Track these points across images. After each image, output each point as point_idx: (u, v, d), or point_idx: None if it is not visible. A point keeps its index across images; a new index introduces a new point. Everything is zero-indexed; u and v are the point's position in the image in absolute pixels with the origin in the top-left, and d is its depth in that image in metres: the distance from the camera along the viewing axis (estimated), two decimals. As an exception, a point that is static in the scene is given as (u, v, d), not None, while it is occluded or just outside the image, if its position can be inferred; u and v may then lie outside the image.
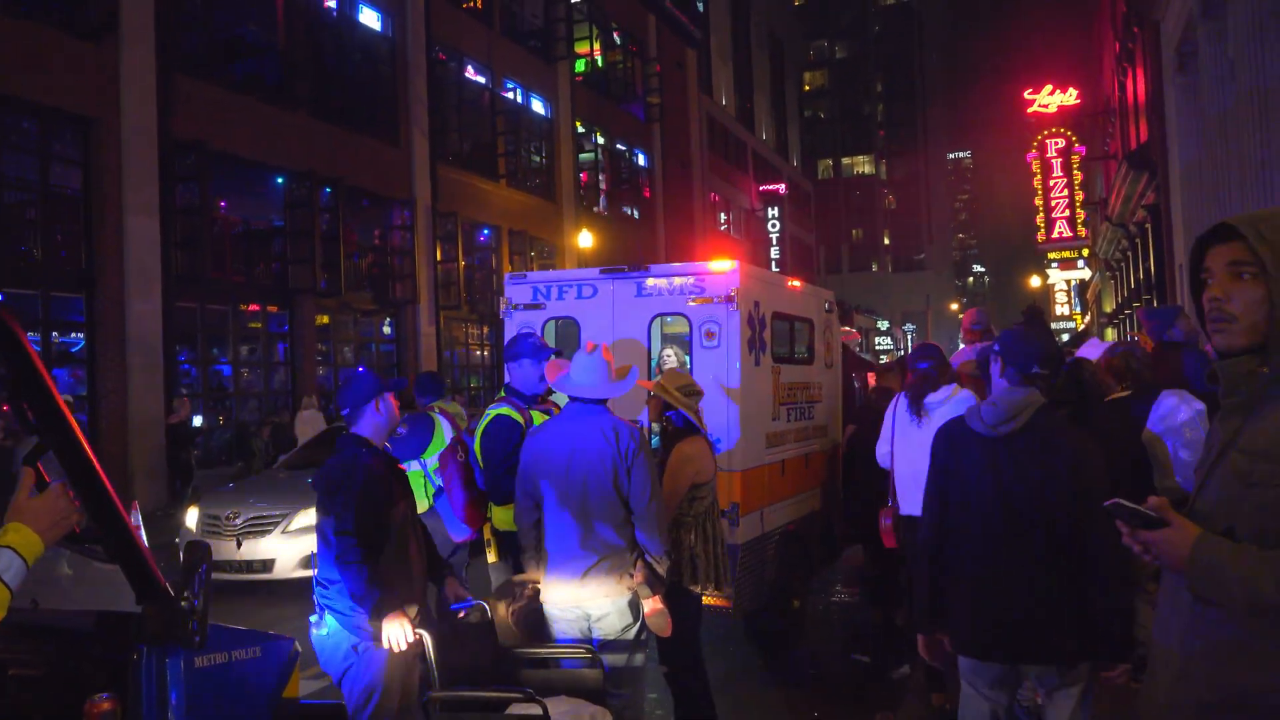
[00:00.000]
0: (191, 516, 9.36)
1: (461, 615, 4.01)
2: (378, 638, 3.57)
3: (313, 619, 3.71)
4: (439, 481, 5.88)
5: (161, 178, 14.70)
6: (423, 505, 6.01)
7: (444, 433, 6.16)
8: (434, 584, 4.06)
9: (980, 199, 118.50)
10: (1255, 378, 1.88)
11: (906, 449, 5.31)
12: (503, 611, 4.16)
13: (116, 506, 2.22)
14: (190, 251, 15.26)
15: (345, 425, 3.88)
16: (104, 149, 14.00)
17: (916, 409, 5.31)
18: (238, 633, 2.57)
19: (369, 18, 20.10)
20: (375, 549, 3.59)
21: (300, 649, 2.78)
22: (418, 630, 3.59)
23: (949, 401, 5.23)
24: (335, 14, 19.16)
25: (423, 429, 6.12)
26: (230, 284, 16.74)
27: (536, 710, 3.40)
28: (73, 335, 14.25)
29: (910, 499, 5.23)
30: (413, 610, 3.62)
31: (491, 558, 5.01)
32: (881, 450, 5.65)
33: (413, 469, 5.98)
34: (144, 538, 2.45)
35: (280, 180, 17.63)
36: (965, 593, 3.22)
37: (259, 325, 17.84)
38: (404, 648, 3.55)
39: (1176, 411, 4.36)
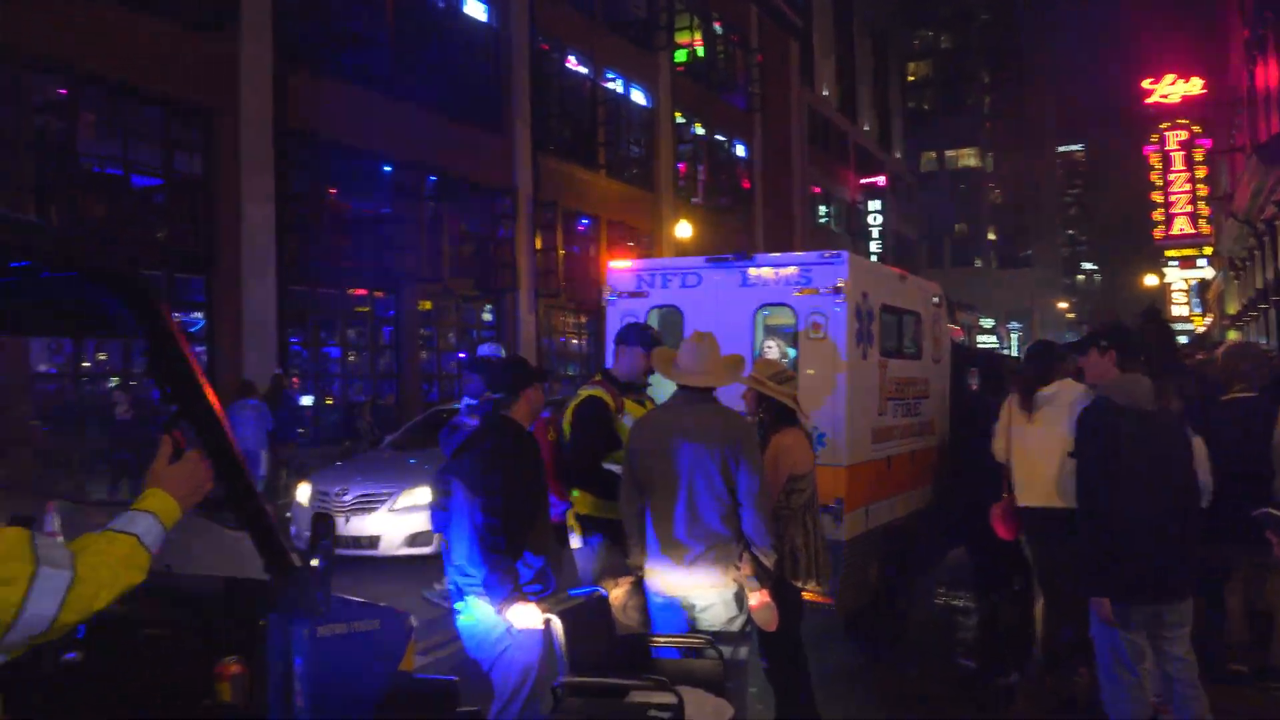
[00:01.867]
0: (303, 491, 9.68)
1: (580, 601, 4.03)
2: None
3: (458, 605, 3.78)
4: None
5: (276, 166, 15.21)
6: None
7: None
8: None
9: (1092, 193, 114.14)
10: None
11: (1022, 443, 5.30)
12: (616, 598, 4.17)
13: (247, 476, 2.28)
14: (303, 237, 15.78)
15: (498, 405, 3.96)
16: (223, 138, 14.55)
17: (1027, 404, 5.28)
18: (359, 605, 2.62)
19: (475, 9, 20.41)
20: (521, 535, 3.65)
21: (415, 624, 2.82)
22: (546, 615, 3.63)
23: (1059, 395, 5.19)
24: (443, 6, 19.51)
25: None
26: (339, 269, 17.24)
27: (665, 698, 3.40)
28: (193, 315, 14.87)
29: (1028, 491, 5.24)
30: (548, 601, 3.67)
31: (575, 543, 5.01)
32: (997, 445, 5.50)
33: None
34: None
35: (388, 169, 18.06)
36: (1123, 546, 3.91)
37: (366, 310, 18.34)
38: (533, 629, 3.61)
39: None
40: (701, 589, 4.03)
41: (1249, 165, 21.53)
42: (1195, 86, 33.16)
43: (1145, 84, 35.19)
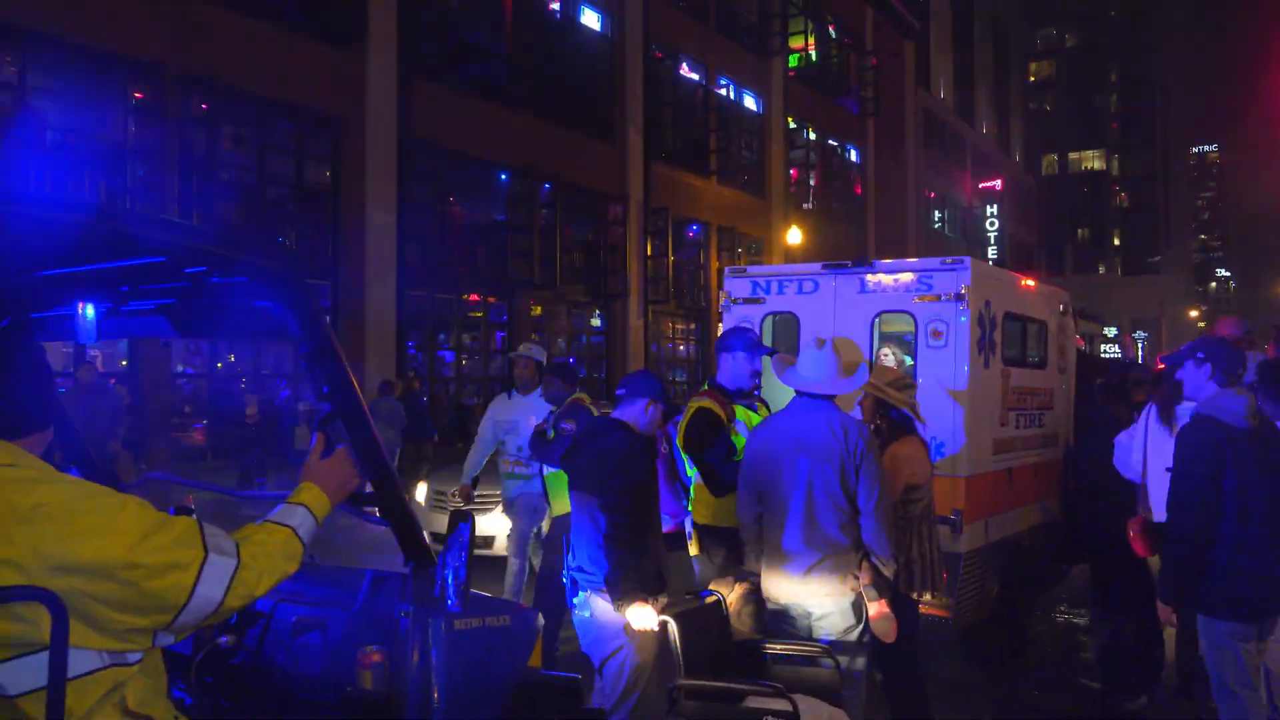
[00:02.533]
0: (421, 491, 9.97)
1: (696, 604, 4.07)
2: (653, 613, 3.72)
3: (576, 601, 3.87)
4: None
5: (399, 175, 15.75)
6: (564, 505, 5.89)
7: None
8: None
9: (1229, 197, 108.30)
10: None
11: (1159, 458, 5.04)
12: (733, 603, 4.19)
13: (392, 474, 2.39)
14: (422, 244, 16.29)
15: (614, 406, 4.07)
16: (349, 147, 15.16)
17: (1167, 418, 5.07)
18: (491, 601, 2.71)
19: (590, 19, 20.71)
20: (638, 536, 3.72)
21: (542, 623, 2.90)
22: (662, 617, 3.69)
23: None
24: (559, 16, 19.87)
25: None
26: (456, 274, 17.73)
27: (781, 705, 3.41)
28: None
29: (1162, 507, 4.99)
30: (661, 600, 3.73)
31: (693, 550, 5.03)
32: (1134, 458, 5.30)
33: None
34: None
35: (503, 176, 18.49)
36: (1242, 564, 3.86)
37: (480, 315, 18.80)
38: (650, 630, 3.66)
39: None
40: (818, 597, 4.01)
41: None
42: (1345, 82, 31.12)
43: (1288, 80, 33.15)
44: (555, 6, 19.79)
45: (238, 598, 1.91)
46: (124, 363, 13.14)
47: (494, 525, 9.24)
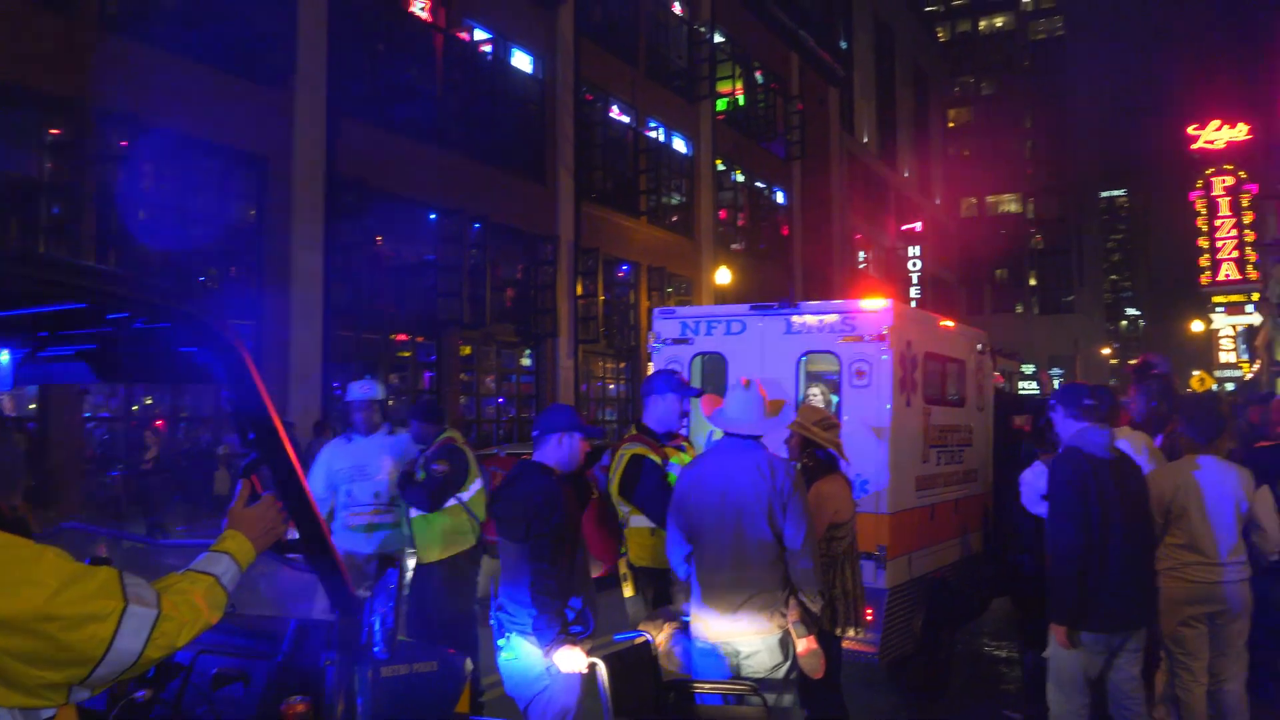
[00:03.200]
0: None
1: (625, 645, 4.07)
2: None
3: (501, 643, 3.85)
4: (482, 516, 5.86)
5: (326, 214, 15.60)
6: (469, 541, 5.87)
7: (476, 466, 6.08)
8: None
9: (1136, 239, 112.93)
10: None
11: None
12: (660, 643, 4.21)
13: (318, 520, 2.37)
14: (350, 283, 16.12)
15: (533, 449, 4.05)
16: (275, 187, 14.98)
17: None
18: (418, 646, 2.70)
19: (521, 61, 20.88)
20: (567, 577, 3.72)
21: (473, 666, 2.88)
22: (591, 659, 3.68)
23: (1118, 444, 5.11)
24: (490, 58, 20.00)
25: (460, 463, 5.95)
26: (383, 314, 17.55)
27: None
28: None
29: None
30: (588, 642, 3.73)
31: (628, 591, 5.03)
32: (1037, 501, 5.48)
33: (451, 505, 5.84)
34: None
35: (433, 216, 18.43)
36: (1097, 584, 4.32)
37: (408, 355, 18.62)
38: (578, 672, 3.67)
39: None
40: (747, 635, 4.05)
41: (1297, 211, 21.26)
42: (1241, 132, 32.92)
43: (1190, 130, 35.00)
44: (486, 49, 19.92)
45: (158, 649, 1.88)
46: (33, 405, 12.68)
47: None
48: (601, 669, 3.71)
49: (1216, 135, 33.07)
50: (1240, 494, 4.79)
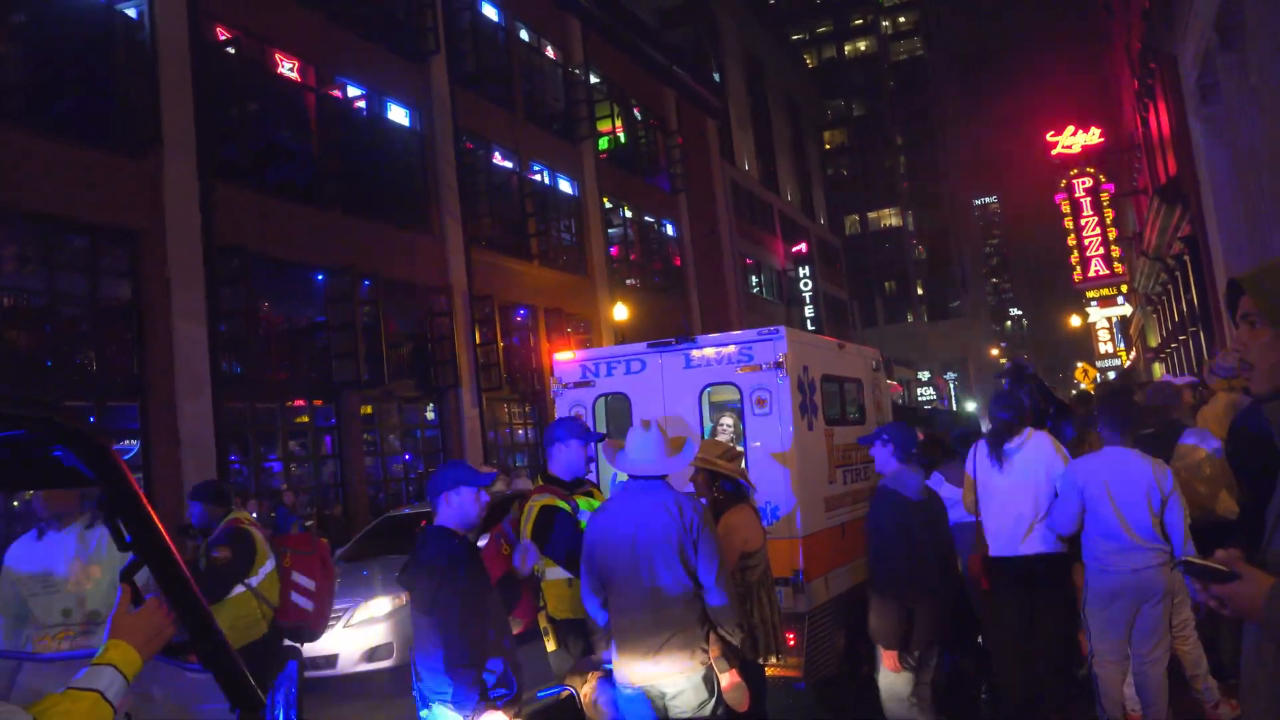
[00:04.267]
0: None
1: (550, 701, 4.00)
2: None
3: (424, 715, 3.73)
4: (275, 601, 5.47)
5: (207, 283, 15.11)
6: (261, 629, 5.27)
7: (265, 547, 5.70)
8: None
9: (1011, 242, 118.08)
10: None
11: (991, 495, 5.49)
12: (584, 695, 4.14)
13: (208, 616, 2.26)
14: (237, 352, 15.62)
15: (431, 514, 3.93)
16: (150, 259, 14.44)
17: (997, 455, 5.45)
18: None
19: (397, 114, 20.72)
20: (479, 642, 3.63)
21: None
22: None
23: (1025, 446, 5.42)
24: (365, 114, 19.78)
25: (245, 547, 5.58)
26: (277, 382, 17.05)
27: None
28: (127, 442, 14.53)
29: (998, 542, 5.45)
30: (513, 705, 3.64)
31: (550, 646, 4.94)
32: (967, 499, 5.65)
33: (238, 592, 5.43)
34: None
35: (320, 277, 18.04)
36: (915, 611, 4.88)
37: (306, 420, 18.09)
38: None
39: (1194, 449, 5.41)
40: (670, 676, 4.03)
41: (1151, 206, 22.56)
42: (1094, 136, 34.79)
43: (1049, 136, 36.77)
44: (361, 105, 19.71)
45: (40, 778, 1.75)
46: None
47: (335, 643, 8.82)
48: None
49: (1073, 140, 34.86)
50: (1152, 481, 4.94)
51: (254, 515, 13.96)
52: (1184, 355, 22.14)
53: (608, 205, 28.60)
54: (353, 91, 19.51)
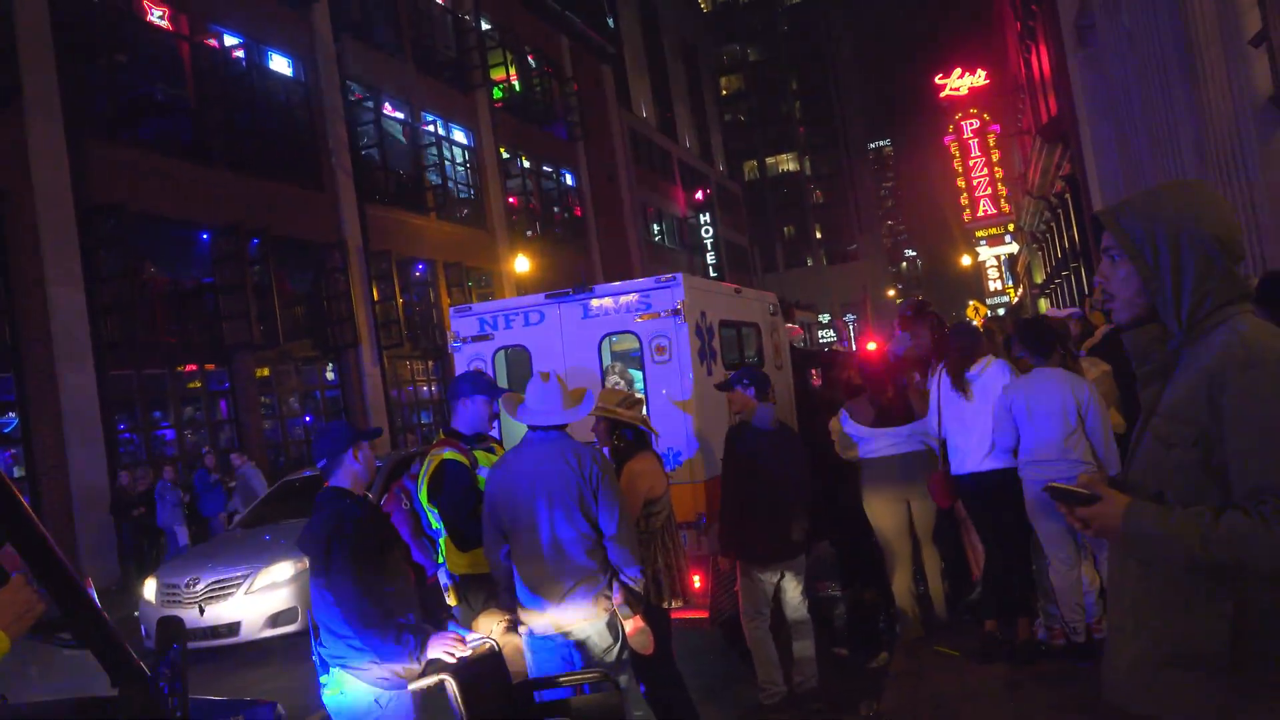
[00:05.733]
0: (150, 588, 9.14)
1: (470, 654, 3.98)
2: (403, 684, 3.63)
3: (325, 680, 3.67)
4: None
5: (82, 245, 14.36)
6: None
7: None
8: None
9: (905, 185, 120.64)
10: (1163, 344, 2.01)
11: (954, 418, 5.79)
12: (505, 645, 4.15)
13: (81, 590, 2.16)
14: (119, 317, 14.92)
15: (322, 477, 3.83)
16: (18, 222, 13.64)
17: (959, 383, 5.75)
18: (218, 703, 2.52)
19: (279, 64, 19.88)
20: (385, 598, 3.58)
21: (284, 711, 2.73)
22: (440, 675, 3.59)
23: (985, 373, 5.70)
24: (244, 64, 18.92)
25: None
26: (164, 346, 16.38)
27: None
28: (5, 415, 13.83)
29: (959, 461, 5.77)
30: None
31: (452, 601, 4.92)
32: (931, 422, 5.97)
33: None
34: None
35: (206, 236, 17.33)
36: (763, 529, 5.43)
37: (198, 385, 17.47)
38: (461, 654, 3.69)
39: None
40: (575, 623, 4.06)
41: (1035, 146, 23.29)
42: (980, 78, 35.69)
43: (937, 79, 37.54)
44: (239, 55, 18.83)
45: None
46: None
47: (238, 610, 8.65)
48: (451, 684, 3.65)
49: (960, 83, 35.70)
50: (1069, 397, 5.21)
51: (168, 483, 13.66)
52: (1068, 290, 23.10)
53: (505, 155, 28.13)
54: (230, 40, 18.62)
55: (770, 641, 5.60)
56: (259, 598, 8.67)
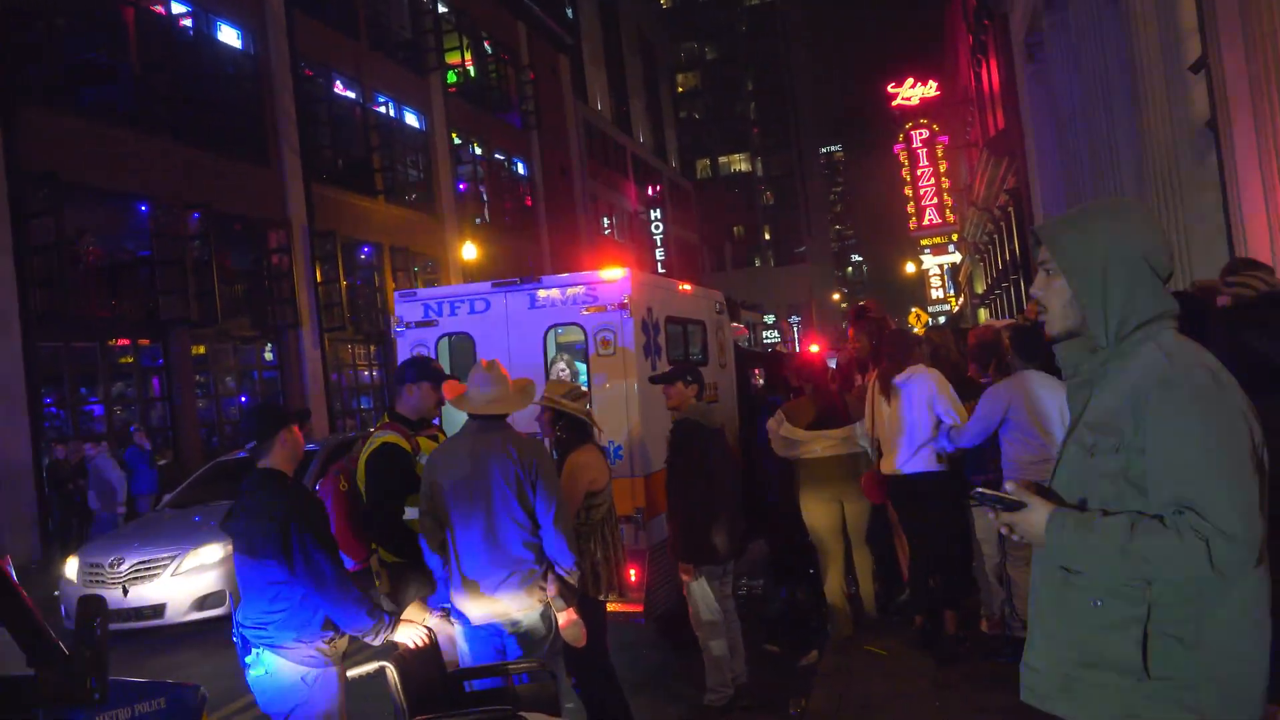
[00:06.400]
0: (71, 567, 8.91)
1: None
2: (329, 663, 3.62)
3: (249, 659, 3.62)
4: None
5: (13, 214, 13.91)
6: None
7: None
8: None
9: (854, 191, 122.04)
10: (1094, 357, 2.08)
11: (883, 422, 5.97)
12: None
13: (1, 569, 2.11)
14: (50, 289, 14.48)
15: (253, 459, 3.77)
16: (-53, 185, 13.19)
17: (885, 389, 5.91)
18: (140, 685, 2.47)
19: (228, 35, 19.45)
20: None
21: (207, 694, 2.68)
22: (381, 663, 3.58)
23: (911, 380, 5.82)
24: (191, 33, 18.47)
25: None
26: (96, 320, 15.94)
27: None
28: (-76, 385, 13.36)
29: (889, 462, 5.92)
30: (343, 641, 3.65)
31: (383, 589, 4.88)
32: (866, 424, 6.18)
33: None
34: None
35: (144, 208, 16.89)
36: (722, 522, 5.38)
37: (130, 360, 17.04)
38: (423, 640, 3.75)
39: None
40: (509, 614, 4.05)
41: (981, 159, 23.72)
42: (931, 89, 36.27)
43: (890, 87, 38.04)
44: (187, 23, 18.37)
45: None
46: None
47: (163, 591, 8.47)
48: (391, 671, 3.64)
49: (912, 92, 36.24)
50: (1062, 401, 5.30)
51: (97, 458, 13.28)
52: (1007, 300, 23.57)
53: (457, 141, 27.87)
54: (177, 8, 18.15)
55: (726, 646, 5.54)
56: (186, 579, 8.49)
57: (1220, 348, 2.25)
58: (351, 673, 3.68)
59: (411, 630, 3.77)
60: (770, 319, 66.45)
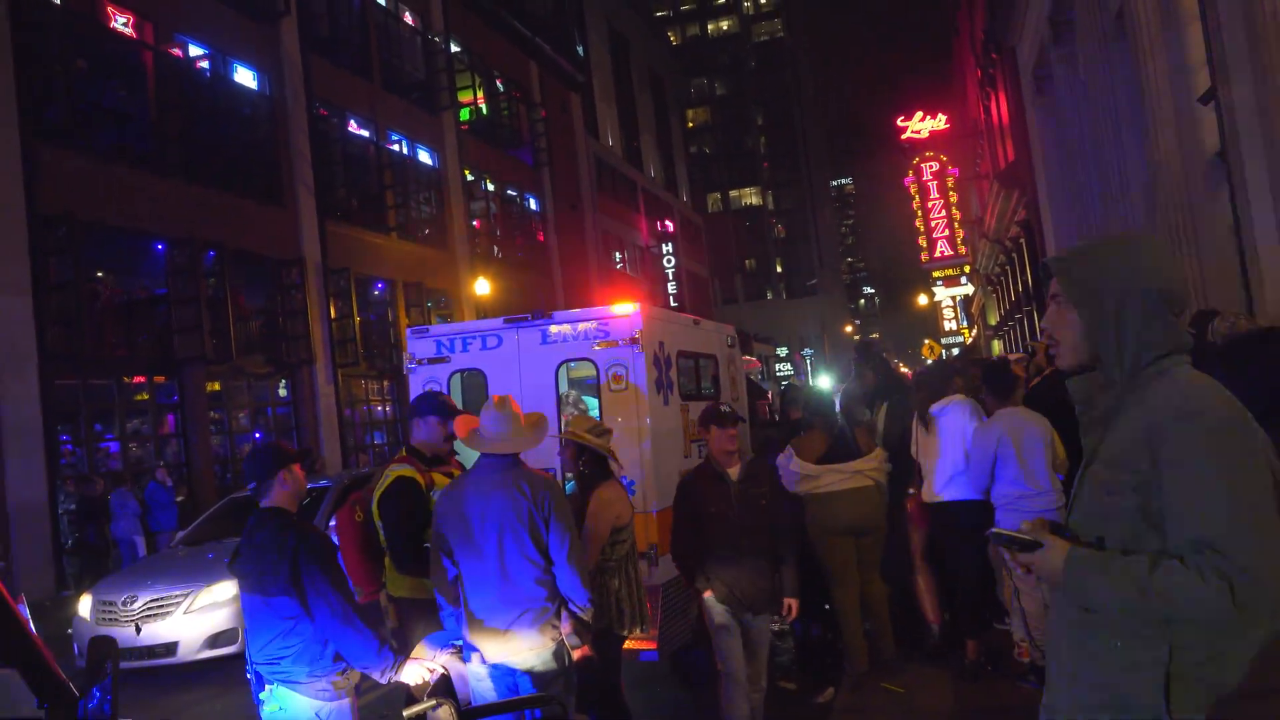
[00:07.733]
0: (85, 604, 8.90)
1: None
2: (343, 695, 3.64)
3: (262, 695, 3.61)
4: None
5: (32, 253, 14.08)
6: None
7: None
8: None
9: (865, 223, 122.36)
10: (1107, 391, 2.05)
11: (921, 450, 6.15)
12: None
13: (10, 607, 2.11)
14: (67, 327, 14.62)
15: (255, 499, 3.79)
16: (-33, 226, 13.35)
17: (924, 417, 6.12)
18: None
19: (244, 77, 19.74)
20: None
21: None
22: (442, 700, 3.56)
23: (947, 410, 5.99)
24: (209, 75, 18.76)
25: None
26: (112, 357, 16.06)
27: None
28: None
29: (927, 490, 6.08)
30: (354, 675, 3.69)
31: (391, 624, 4.87)
32: (913, 449, 6.33)
33: None
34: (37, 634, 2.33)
35: (160, 247, 17.07)
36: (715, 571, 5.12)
37: (146, 397, 17.13)
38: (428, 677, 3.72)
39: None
40: (521, 653, 4.02)
41: (992, 191, 23.76)
42: (941, 122, 36.44)
43: (900, 121, 38.23)
44: (204, 65, 18.67)
45: None
46: None
47: (176, 630, 8.45)
48: (447, 710, 3.61)
49: (921, 125, 36.42)
50: (1050, 436, 5.47)
51: (127, 494, 13.45)
52: (1020, 332, 23.50)
53: (469, 178, 28.10)
54: (195, 51, 18.46)
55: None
56: (198, 617, 8.47)
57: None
58: (407, 713, 3.64)
59: (419, 670, 3.75)
60: (783, 351, 66.45)
